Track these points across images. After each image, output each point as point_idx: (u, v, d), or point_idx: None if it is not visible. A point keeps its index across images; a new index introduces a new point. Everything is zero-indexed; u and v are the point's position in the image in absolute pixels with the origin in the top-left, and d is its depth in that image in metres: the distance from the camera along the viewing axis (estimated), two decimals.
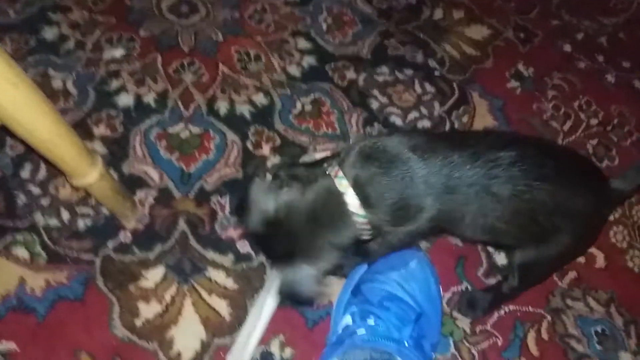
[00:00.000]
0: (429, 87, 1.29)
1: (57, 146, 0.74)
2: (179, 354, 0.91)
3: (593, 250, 1.09)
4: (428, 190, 0.75)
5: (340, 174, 0.77)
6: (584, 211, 0.80)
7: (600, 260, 1.09)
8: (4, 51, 0.62)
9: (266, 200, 0.78)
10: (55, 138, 0.73)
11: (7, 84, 0.62)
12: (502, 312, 1.01)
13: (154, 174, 1.09)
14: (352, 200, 0.76)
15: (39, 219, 1.01)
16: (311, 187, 0.78)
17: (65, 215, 1.02)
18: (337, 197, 0.77)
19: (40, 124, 0.70)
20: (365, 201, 0.76)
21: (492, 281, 1.04)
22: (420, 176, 0.75)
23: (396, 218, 0.77)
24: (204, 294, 0.97)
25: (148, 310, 0.95)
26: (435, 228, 0.82)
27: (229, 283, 0.99)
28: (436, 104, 1.26)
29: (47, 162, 1.06)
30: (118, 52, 1.25)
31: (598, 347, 1.00)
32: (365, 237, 0.82)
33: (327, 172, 0.79)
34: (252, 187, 0.81)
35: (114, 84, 1.20)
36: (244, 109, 1.20)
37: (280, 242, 0.79)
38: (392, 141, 0.78)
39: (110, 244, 1.00)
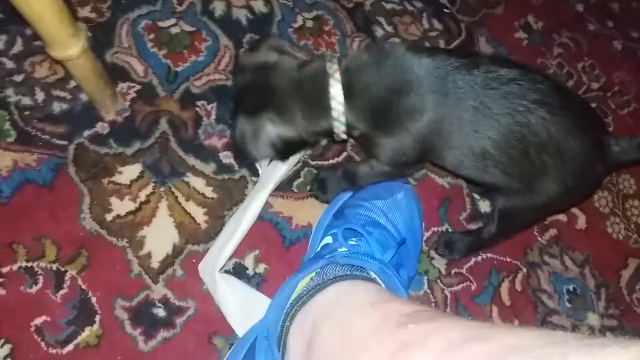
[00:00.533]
0: (436, 24, 1.23)
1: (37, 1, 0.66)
2: (149, 255, 0.87)
3: (576, 211, 1.09)
4: (419, 89, 0.73)
5: (335, 60, 0.79)
6: (578, 158, 0.74)
7: (581, 222, 1.09)
8: None
9: (272, 52, 0.82)
10: None
11: None
12: (480, 258, 1.00)
13: (138, 67, 1.01)
14: (334, 85, 0.76)
15: (10, 94, 0.93)
16: (309, 63, 0.82)
17: (40, 95, 0.95)
18: (322, 78, 0.78)
19: None
20: (348, 89, 0.76)
21: (473, 227, 1.03)
22: (412, 72, 0.74)
23: (378, 119, 0.76)
24: (181, 199, 0.92)
25: (120, 207, 0.90)
26: (423, 150, 0.79)
27: (208, 191, 0.94)
28: (441, 42, 1.21)
29: (24, 37, 0.98)
30: None
31: (568, 305, 1.00)
32: (339, 133, 0.81)
33: (326, 58, 0.80)
34: (269, 39, 0.87)
35: None
36: (241, 14, 1.12)
37: (259, 93, 0.81)
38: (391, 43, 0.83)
39: (86, 132, 0.93)
